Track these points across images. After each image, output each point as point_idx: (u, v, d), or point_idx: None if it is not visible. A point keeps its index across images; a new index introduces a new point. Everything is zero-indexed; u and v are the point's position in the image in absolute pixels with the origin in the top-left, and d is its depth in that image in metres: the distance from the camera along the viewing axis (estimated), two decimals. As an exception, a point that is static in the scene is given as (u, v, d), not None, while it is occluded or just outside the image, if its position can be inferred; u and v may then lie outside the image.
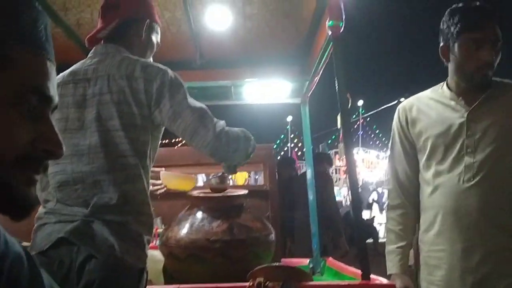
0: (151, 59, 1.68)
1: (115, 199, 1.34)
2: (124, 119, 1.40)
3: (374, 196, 14.70)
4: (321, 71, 2.59)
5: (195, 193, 2.13)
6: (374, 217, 13.15)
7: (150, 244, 2.28)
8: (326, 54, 2.30)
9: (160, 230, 2.32)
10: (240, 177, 12.19)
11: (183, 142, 1.86)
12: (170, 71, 1.50)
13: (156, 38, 1.69)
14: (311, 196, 3.15)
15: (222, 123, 1.51)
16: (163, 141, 1.67)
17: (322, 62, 2.41)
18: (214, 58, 2.81)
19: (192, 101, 1.49)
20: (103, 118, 1.40)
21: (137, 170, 1.41)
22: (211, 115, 1.50)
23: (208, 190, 2.18)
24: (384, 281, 1.78)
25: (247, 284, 1.69)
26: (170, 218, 2.15)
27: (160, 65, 1.50)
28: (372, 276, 1.81)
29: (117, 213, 1.35)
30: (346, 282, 1.88)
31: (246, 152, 1.56)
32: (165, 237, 1.98)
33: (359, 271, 1.85)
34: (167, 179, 2.00)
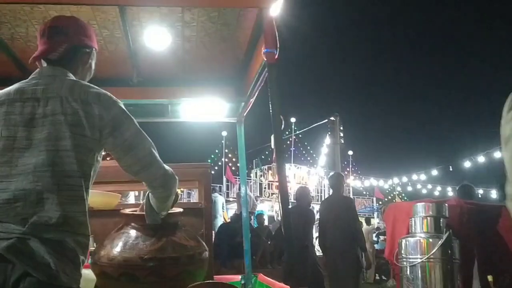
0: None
1: (55, 218, 1.34)
2: (77, 140, 1.43)
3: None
4: (256, 93, 2.69)
5: (128, 210, 2.13)
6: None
7: (82, 263, 2.25)
8: (261, 78, 2.41)
9: (92, 249, 2.29)
10: (174, 193, 12.05)
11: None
12: (120, 102, 1.57)
13: (94, 63, 1.74)
14: (244, 213, 3.23)
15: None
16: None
17: (257, 85, 2.52)
18: (151, 77, 2.84)
19: (145, 135, 1.59)
20: (54, 138, 1.41)
21: (81, 192, 1.43)
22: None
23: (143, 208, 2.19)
24: (311, 295, 1.88)
25: (180, 302, 1.72)
26: (102, 236, 2.13)
27: (112, 95, 1.56)
28: (300, 290, 1.91)
29: (55, 232, 1.34)
30: (276, 298, 1.95)
31: (174, 200, 1.80)
32: (97, 256, 1.96)
33: (288, 287, 1.94)
34: (89, 197, 1.98)
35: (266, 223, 13.20)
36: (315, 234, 6.67)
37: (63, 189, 1.39)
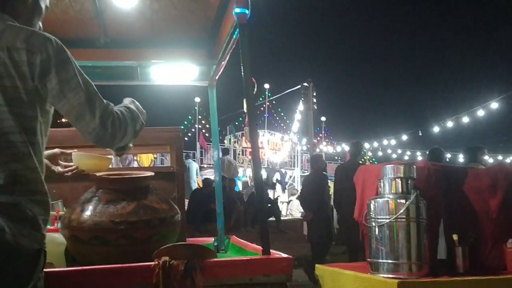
0: (40, 25, 1.55)
1: (3, 179, 1.26)
2: (7, 93, 1.30)
3: (277, 176, 15.25)
4: (228, 56, 2.65)
5: (99, 174, 2.10)
6: (278, 196, 13.66)
7: (51, 227, 2.22)
8: (232, 40, 2.36)
9: (61, 213, 2.26)
10: (146, 159, 11.97)
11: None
12: (56, 41, 1.38)
13: (44, 1, 1.53)
14: (217, 177, 3.23)
15: (110, 107, 1.45)
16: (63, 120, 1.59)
17: (229, 47, 2.47)
18: (119, 38, 2.75)
19: (81, 80, 1.40)
20: None
21: (25, 148, 1.32)
22: (100, 98, 1.43)
23: (113, 172, 2.16)
24: (283, 255, 1.91)
25: (152, 264, 1.73)
26: (72, 200, 2.10)
27: (46, 34, 1.38)
28: (272, 251, 1.95)
29: (7, 194, 1.26)
30: (248, 257, 1.98)
31: (133, 134, 1.55)
32: (67, 220, 1.94)
33: (260, 247, 1.97)
34: (80, 160, 1.93)
35: (240, 188, 13.31)
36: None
37: (3, 148, 1.29)
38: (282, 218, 11.38)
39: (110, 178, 2.05)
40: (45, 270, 1.39)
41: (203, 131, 21.34)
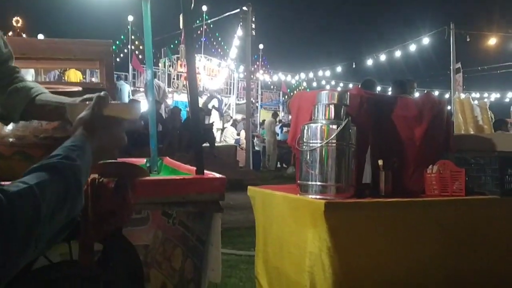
0: None
1: None
2: None
3: (214, 102, 15.18)
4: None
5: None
6: (213, 122, 13.68)
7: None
8: None
9: (-21, 128, 2.10)
10: (74, 77, 11.31)
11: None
12: None
13: None
14: (150, 99, 3.13)
15: None
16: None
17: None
18: None
19: None
20: None
21: None
22: None
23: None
24: (216, 175, 1.91)
25: (80, 180, 1.67)
26: (-9, 115, 1.95)
27: None
28: (205, 171, 1.94)
29: None
30: (181, 176, 1.97)
31: None
32: (-14, 135, 1.81)
33: (194, 168, 1.95)
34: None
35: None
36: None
37: None
38: (216, 144, 11.48)
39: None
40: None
41: (136, 52, 20.45)
